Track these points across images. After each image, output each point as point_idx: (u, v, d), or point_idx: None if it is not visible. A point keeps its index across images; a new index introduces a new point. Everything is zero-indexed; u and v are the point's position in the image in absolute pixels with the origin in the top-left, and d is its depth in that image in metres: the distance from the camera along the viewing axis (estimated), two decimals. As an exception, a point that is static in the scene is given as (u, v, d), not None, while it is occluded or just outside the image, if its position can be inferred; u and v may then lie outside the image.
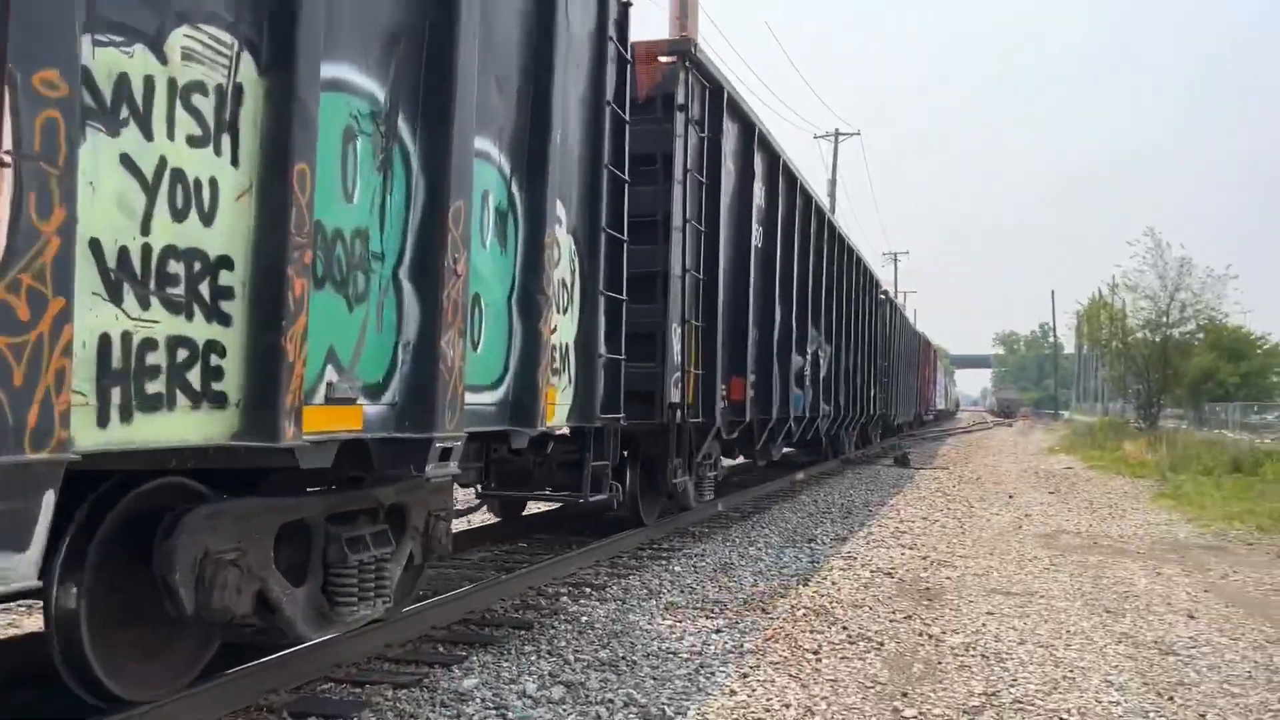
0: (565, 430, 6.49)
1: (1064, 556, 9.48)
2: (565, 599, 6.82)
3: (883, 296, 24.12)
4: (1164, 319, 34.46)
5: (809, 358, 13.99)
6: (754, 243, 10.99)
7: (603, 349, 6.65)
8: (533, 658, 5.32)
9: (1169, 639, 6.21)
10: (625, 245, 6.94)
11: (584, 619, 6.22)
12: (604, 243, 6.64)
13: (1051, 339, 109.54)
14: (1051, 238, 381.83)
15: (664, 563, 8.29)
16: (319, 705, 4.39)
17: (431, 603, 5.89)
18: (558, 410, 6.01)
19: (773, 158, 11.99)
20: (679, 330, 8.62)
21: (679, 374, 8.57)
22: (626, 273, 6.99)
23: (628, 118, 7.00)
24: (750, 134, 10.92)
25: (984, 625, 6.44)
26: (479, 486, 7.98)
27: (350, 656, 5.01)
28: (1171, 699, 4.92)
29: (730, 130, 10.18)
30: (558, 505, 10.01)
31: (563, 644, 5.61)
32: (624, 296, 6.94)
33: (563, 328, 6.07)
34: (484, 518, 10.18)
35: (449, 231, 4.45)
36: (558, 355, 5.94)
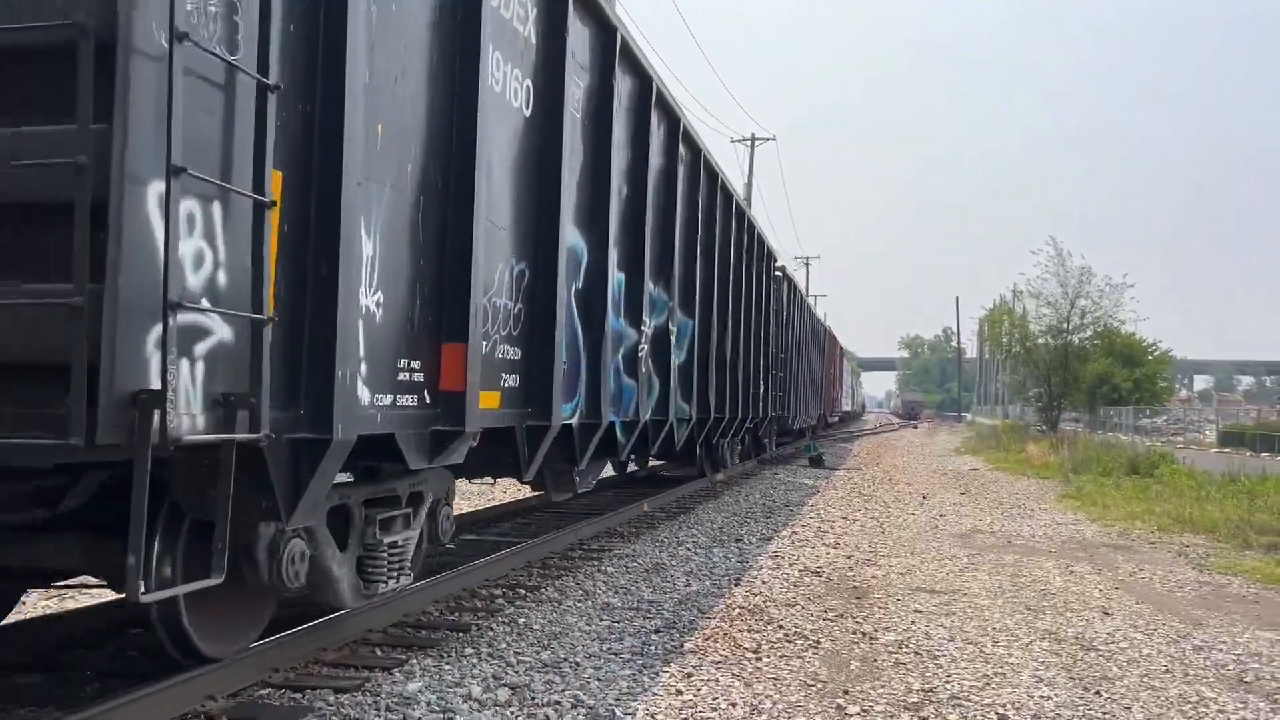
0: None
1: (981, 555, 9.76)
2: (501, 600, 6.75)
3: (779, 273, 19.86)
4: (1065, 325, 35.76)
5: (652, 332, 9.18)
6: (501, 91, 5.72)
7: None
8: (474, 660, 5.26)
9: (1088, 635, 6.45)
10: None
11: (521, 621, 6.17)
12: None
13: (955, 343, 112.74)
14: (957, 243, 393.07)
15: (596, 563, 8.28)
16: (260, 711, 4.27)
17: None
18: None
19: None
20: (158, 193, 3.24)
21: (170, 320, 3.27)
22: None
23: None
24: None
25: (913, 623, 6.58)
26: None
27: (287, 661, 4.88)
28: (1098, 693, 5.11)
29: None
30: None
31: (503, 646, 5.56)
32: None
33: None
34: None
35: None
36: None
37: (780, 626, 6.31)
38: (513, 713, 4.45)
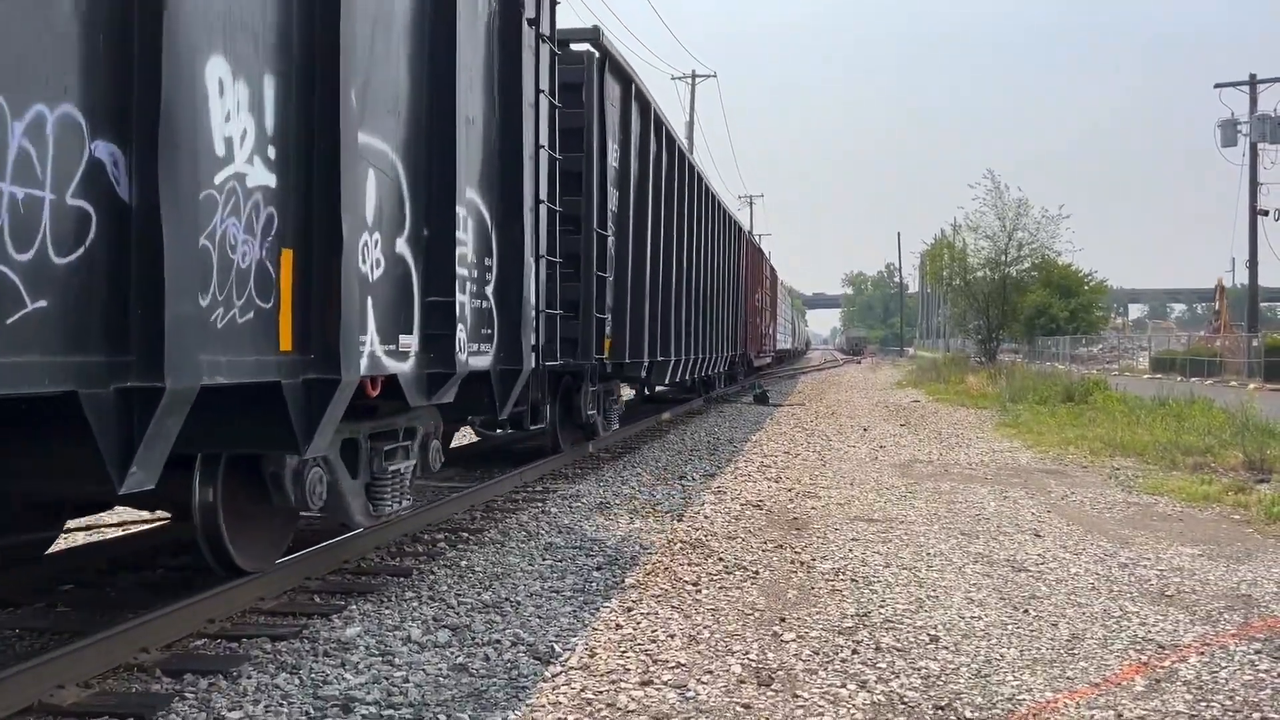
0: None
1: (919, 484, 9.95)
2: (443, 544, 6.75)
3: (621, 64, 10.87)
4: (1003, 258, 36.29)
5: None
6: None
7: None
8: (414, 603, 5.26)
9: (1019, 557, 6.62)
10: None
11: (463, 563, 6.18)
12: None
13: (897, 279, 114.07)
14: (899, 182, 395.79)
15: (540, 504, 8.30)
16: (195, 662, 4.24)
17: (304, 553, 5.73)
18: None
19: None
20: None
21: None
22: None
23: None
24: None
25: (850, 551, 6.71)
26: None
27: (222, 611, 4.84)
28: (1027, 612, 5.26)
29: None
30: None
31: (444, 589, 5.57)
32: None
33: None
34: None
35: None
36: None
37: (720, 559, 6.40)
38: (453, 653, 4.46)
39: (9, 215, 2.85)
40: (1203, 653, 4.61)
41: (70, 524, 5.99)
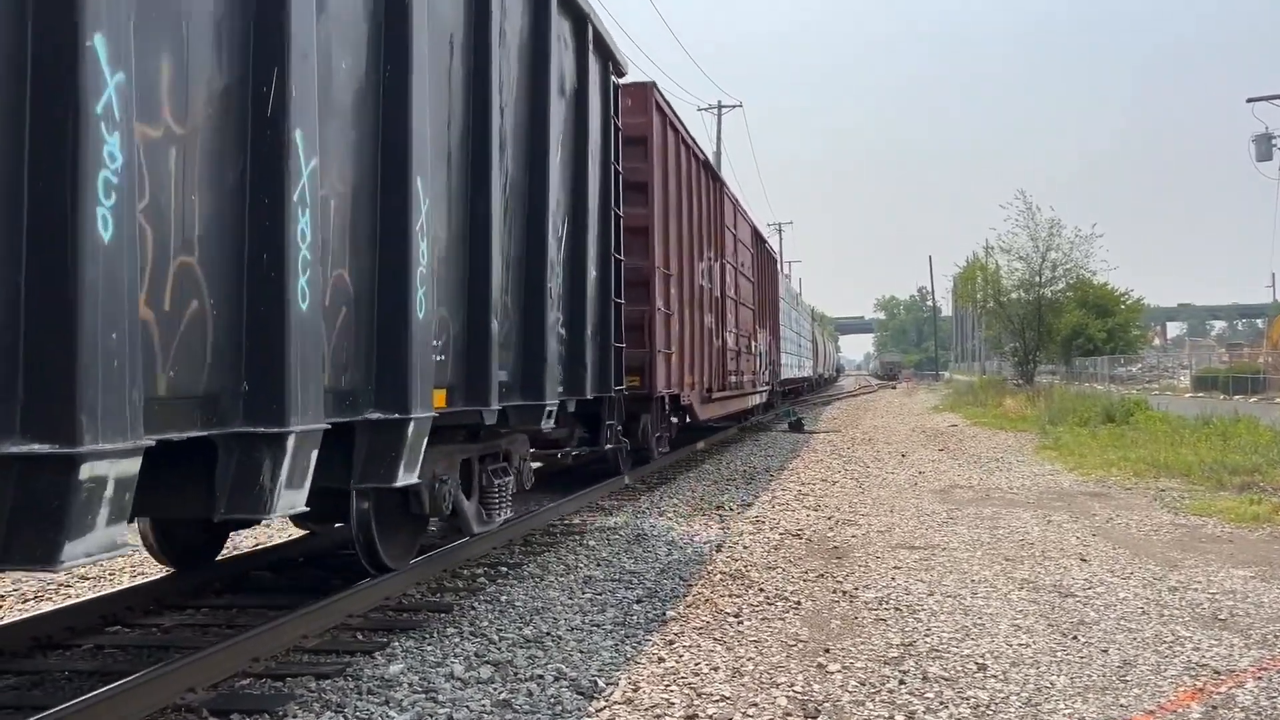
0: None
1: (960, 510, 9.84)
2: (482, 579, 6.76)
3: None
4: (1037, 279, 35.98)
5: None
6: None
7: None
8: (456, 639, 5.26)
9: (1066, 582, 6.52)
10: None
11: (503, 598, 6.17)
12: None
13: (930, 302, 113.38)
14: (930, 204, 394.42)
15: (578, 537, 8.29)
16: (240, 701, 4.25)
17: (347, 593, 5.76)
18: None
19: None
20: None
21: None
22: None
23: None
24: None
25: (893, 579, 6.64)
26: None
27: (267, 650, 4.86)
28: (1075, 638, 5.17)
29: None
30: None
31: (485, 624, 5.57)
32: None
33: None
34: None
35: None
36: None
37: (761, 590, 6.35)
38: (495, 689, 4.45)
39: None
40: (1259, 677, 4.50)
41: (114, 567, 6.11)
